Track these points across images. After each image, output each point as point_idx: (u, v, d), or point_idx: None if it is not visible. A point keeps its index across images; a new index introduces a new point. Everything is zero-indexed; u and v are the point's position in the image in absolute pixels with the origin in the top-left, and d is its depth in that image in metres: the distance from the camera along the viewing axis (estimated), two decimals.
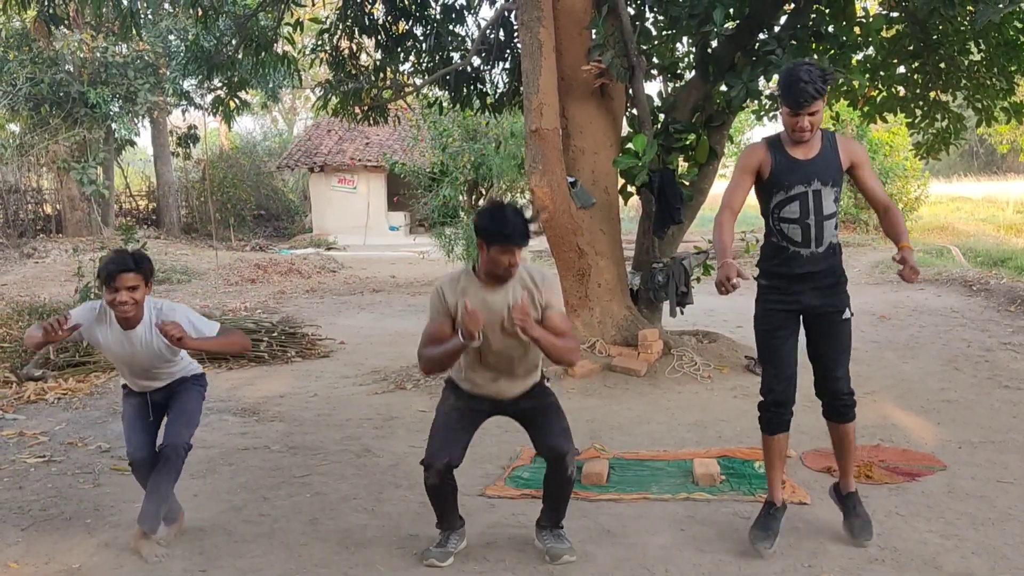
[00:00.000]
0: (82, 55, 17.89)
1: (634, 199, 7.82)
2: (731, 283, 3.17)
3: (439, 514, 3.61)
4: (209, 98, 10.87)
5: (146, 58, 18.93)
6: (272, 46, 9.19)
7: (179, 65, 16.04)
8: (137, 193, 25.03)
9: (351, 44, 9.21)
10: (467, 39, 9.17)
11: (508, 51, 8.68)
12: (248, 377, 7.27)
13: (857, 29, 7.12)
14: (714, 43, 7.06)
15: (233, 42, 9.15)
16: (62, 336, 3.50)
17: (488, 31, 8.57)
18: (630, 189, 7.41)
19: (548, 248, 7.38)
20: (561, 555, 3.51)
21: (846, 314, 3.55)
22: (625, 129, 7.54)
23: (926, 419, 5.50)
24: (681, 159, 7.38)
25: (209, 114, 13.79)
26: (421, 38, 9.07)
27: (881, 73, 8.31)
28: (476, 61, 8.85)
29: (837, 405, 3.61)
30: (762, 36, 6.93)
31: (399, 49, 9.04)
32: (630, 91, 7.05)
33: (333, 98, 9.14)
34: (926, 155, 8.87)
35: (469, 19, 12.75)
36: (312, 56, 9.51)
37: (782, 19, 7.22)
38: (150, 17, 16.31)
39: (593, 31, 6.86)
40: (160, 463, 3.70)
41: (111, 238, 16.96)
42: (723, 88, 6.99)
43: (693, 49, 7.71)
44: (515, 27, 8.04)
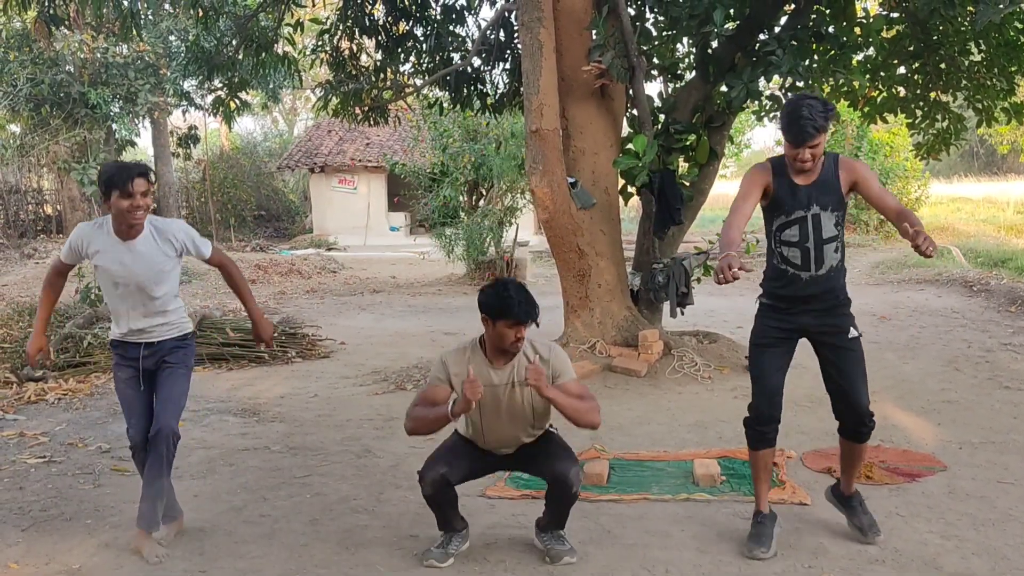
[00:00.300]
0: (83, 56, 17.91)
1: (634, 200, 7.82)
2: (731, 271, 3.08)
3: (439, 519, 3.62)
4: (209, 99, 10.89)
5: (147, 59, 18.96)
6: (272, 47, 9.19)
7: (179, 66, 16.06)
8: None
9: (351, 45, 9.21)
10: (467, 40, 9.17)
11: (508, 52, 8.68)
12: (248, 378, 7.28)
13: (857, 29, 7.12)
14: (714, 44, 7.06)
15: (233, 43, 9.15)
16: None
17: (488, 32, 8.57)
18: (630, 190, 7.41)
19: (548, 248, 7.38)
20: (561, 556, 3.51)
21: (852, 333, 3.50)
22: (625, 130, 7.54)
23: (926, 420, 5.50)
24: (681, 160, 7.38)
25: (209, 115, 13.81)
26: (421, 39, 9.07)
27: (881, 73, 8.31)
28: (476, 62, 8.85)
29: (860, 430, 3.55)
30: (762, 37, 6.93)
31: (399, 50, 9.04)
32: (630, 92, 7.04)
33: (333, 99, 9.14)
34: (926, 156, 8.87)
35: (469, 20, 12.76)
36: (312, 57, 9.52)
37: (782, 20, 7.22)
38: (150, 18, 16.31)
39: (593, 32, 6.86)
40: (150, 458, 3.69)
41: None
42: (723, 89, 6.99)
43: (693, 50, 7.70)
44: (515, 28, 8.05)
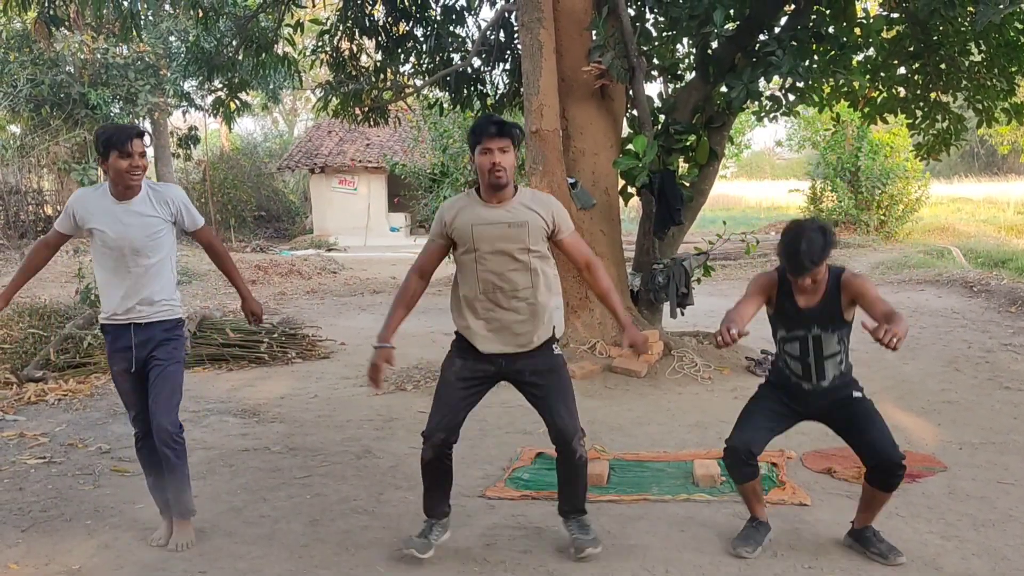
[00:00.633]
0: (83, 56, 17.92)
1: (634, 200, 7.82)
2: (731, 333, 3.19)
3: (427, 495, 3.59)
4: (210, 99, 10.90)
5: (147, 59, 18.97)
6: (272, 47, 9.20)
7: (180, 66, 16.06)
8: None
9: (351, 45, 9.21)
10: (467, 40, 9.18)
11: (508, 52, 8.69)
12: (248, 378, 7.27)
13: (857, 30, 7.13)
14: (714, 44, 7.07)
15: (234, 43, 9.16)
16: None
17: (488, 32, 8.58)
18: (630, 190, 7.41)
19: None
20: (585, 548, 3.51)
21: (856, 394, 3.51)
22: (625, 130, 7.54)
23: (927, 420, 5.50)
24: (681, 160, 7.38)
25: (210, 115, 13.82)
26: (421, 39, 9.08)
27: (881, 74, 8.31)
28: (476, 62, 8.86)
29: (889, 476, 3.43)
30: (762, 37, 6.94)
31: (399, 50, 9.04)
32: (630, 92, 7.05)
33: (334, 99, 9.14)
34: (927, 156, 8.86)
35: (469, 20, 12.74)
36: (313, 57, 9.52)
37: (782, 20, 7.22)
38: (150, 18, 16.33)
39: (593, 32, 6.86)
40: (163, 461, 3.70)
41: None
42: (723, 89, 7.00)
43: (693, 50, 7.71)
44: (515, 28, 8.05)
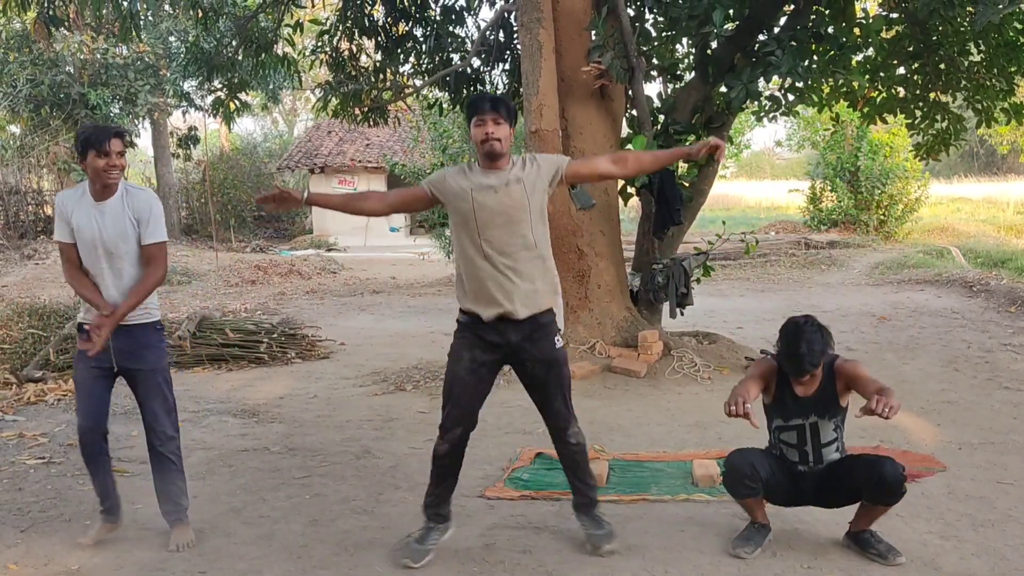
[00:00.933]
0: (82, 56, 17.92)
1: (634, 200, 7.82)
2: (742, 405, 3.32)
3: (434, 491, 3.61)
4: (209, 99, 10.89)
5: (146, 59, 18.97)
6: (272, 47, 9.19)
7: (179, 66, 16.06)
8: None
9: (351, 45, 9.21)
10: (467, 40, 9.18)
11: (508, 52, 8.69)
12: (248, 378, 7.28)
13: (857, 30, 7.13)
14: (714, 44, 7.06)
15: (233, 43, 9.16)
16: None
17: (488, 32, 8.57)
18: (630, 190, 7.41)
19: None
20: (601, 545, 3.54)
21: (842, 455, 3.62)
22: (625, 130, 7.54)
23: (926, 420, 5.50)
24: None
25: (209, 115, 13.80)
26: (421, 39, 9.08)
27: (881, 74, 8.31)
28: (476, 62, 8.86)
29: (893, 493, 3.44)
30: (762, 37, 6.94)
31: (399, 50, 9.04)
32: (630, 92, 7.04)
33: (333, 99, 9.14)
34: (926, 156, 8.86)
35: (469, 20, 12.75)
36: (312, 57, 9.52)
37: (782, 20, 7.22)
38: (150, 18, 16.32)
39: (593, 32, 6.86)
40: (159, 464, 3.71)
41: None
42: (723, 89, 6.99)
43: (693, 50, 7.71)
44: (515, 28, 8.04)
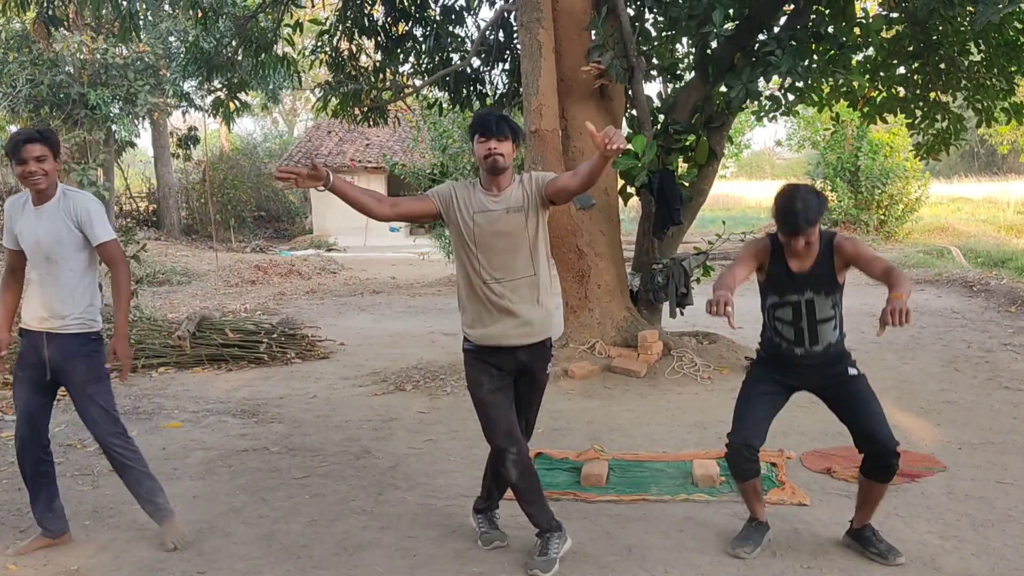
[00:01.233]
0: (82, 57, 17.90)
1: (634, 200, 7.82)
2: (723, 306, 3.16)
3: (488, 495, 3.72)
4: (209, 99, 10.88)
5: (146, 59, 18.94)
6: (272, 47, 9.19)
7: (179, 66, 16.04)
8: (137, 195, 25.05)
9: (351, 45, 9.21)
10: (467, 40, 9.17)
11: (508, 52, 8.68)
12: (247, 379, 7.27)
13: (857, 30, 7.12)
14: (714, 44, 7.06)
15: (233, 43, 9.15)
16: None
17: (488, 32, 8.57)
18: (630, 190, 7.41)
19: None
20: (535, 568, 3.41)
21: (851, 371, 3.48)
22: (625, 130, 7.53)
23: (926, 420, 5.50)
24: (681, 160, 7.38)
25: (209, 115, 13.80)
26: (421, 39, 9.07)
27: (881, 74, 8.30)
28: (476, 62, 8.85)
29: (883, 465, 3.43)
30: (762, 37, 6.93)
31: (399, 50, 9.04)
32: (630, 92, 7.04)
33: (333, 99, 9.14)
34: (926, 156, 8.85)
35: (469, 20, 12.74)
36: (312, 57, 9.52)
37: (782, 20, 7.22)
38: (150, 18, 16.30)
39: (593, 32, 6.86)
40: (122, 472, 3.74)
41: None
42: (723, 89, 6.99)
43: (693, 50, 7.70)
44: (515, 28, 8.04)
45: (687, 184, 7.18)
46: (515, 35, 8.18)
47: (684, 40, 7.70)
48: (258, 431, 5.65)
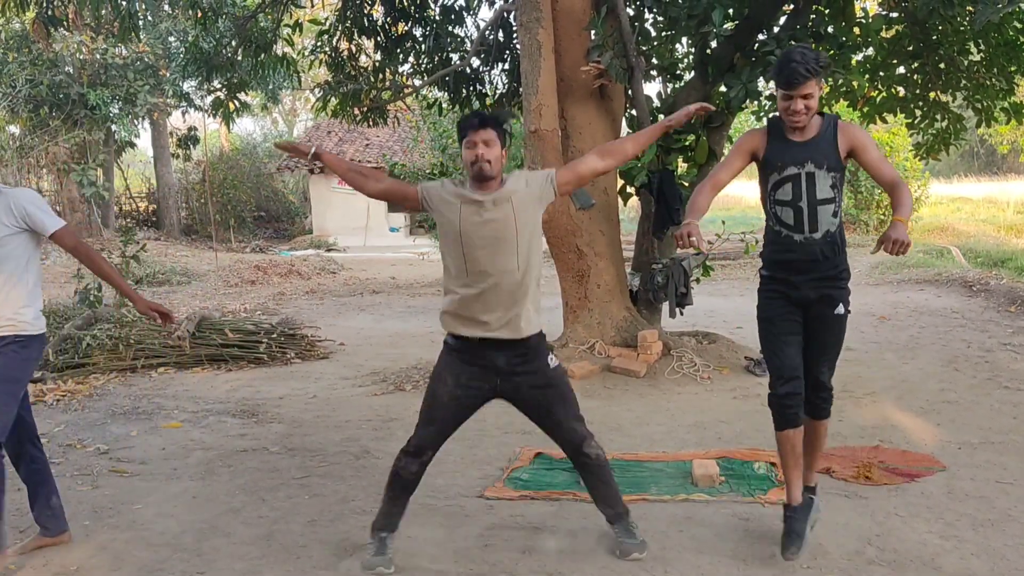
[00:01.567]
0: (82, 57, 17.91)
1: (633, 200, 7.82)
2: (689, 238, 3.17)
3: (392, 508, 3.55)
4: (209, 99, 10.88)
5: (146, 60, 18.96)
6: (271, 47, 9.19)
7: (179, 67, 16.05)
8: (137, 195, 25.06)
9: (350, 45, 9.21)
10: (466, 40, 9.18)
11: (507, 52, 8.69)
12: (247, 379, 7.27)
13: (857, 30, 7.12)
14: (713, 44, 7.06)
15: (232, 43, 9.15)
16: None
17: (487, 32, 8.57)
18: (629, 190, 7.41)
19: (547, 249, 7.37)
20: (630, 552, 3.52)
21: (839, 310, 3.45)
22: (624, 130, 7.54)
23: (926, 420, 5.49)
24: (680, 160, 7.38)
25: (209, 115, 13.80)
26: (420, 39, 9.08)
27: (881, 74, 8.30)
28: (475, 62, 8.86)
29: (816, 399, 3.51)
30: (761, 37, 6.93)
31: (398, 50, 9.04)
32: (629, 92, 7.04)
33: (333, 99, 9.14)
34: (926, 156, 8.86)
35: (468, 20, 12.75)
36: (311, 57, 9.52)
37: (781, 20, 7.21)
38: (149, 19, 16.32)
39: (592, 32, 6.86)
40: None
41: (111, 240, 16.97)
42: (722, 89, 6.99)
43: (692, 50, 7.70)
44: (514, 28, 8.04)
45: (687, 184, 7.18)
46: (515, 35, 8.19)
47: (684, 40, 7.70)
48: (258, 431, 5.65)
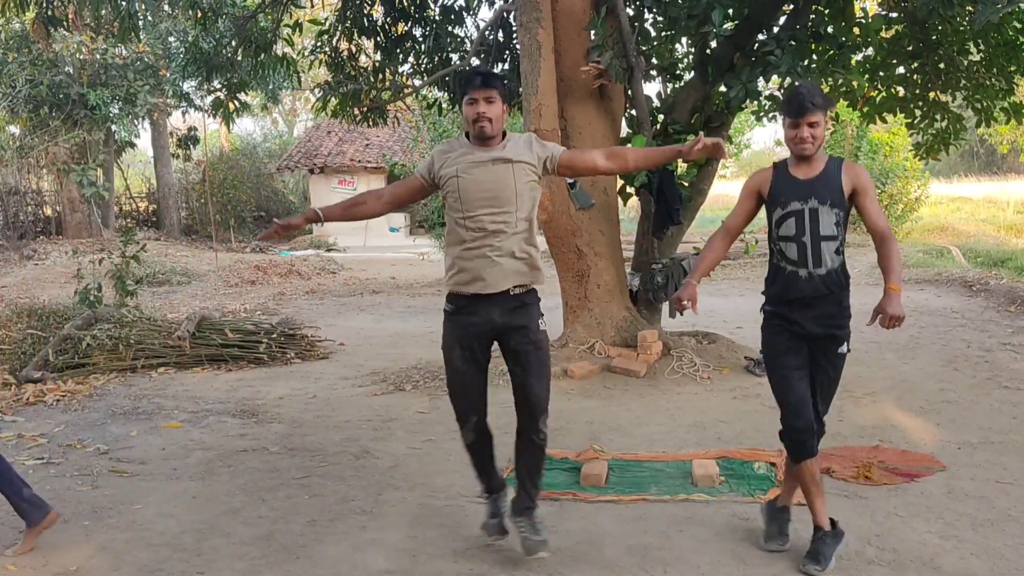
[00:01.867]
0: (82, 57, 17.90)
1: (633, 200, 7.81)
2: (682, 303, 3.32)
3: (482, 472, 3.69)
4: (209, 100, 10.88)
5: (146, 60, 18.95)
6: (271, 48, 9.19)
7: (179, 67, 16.05)
8: (137, 195, 25.05)
9: (350, 45, 9.21)
10: (466, 40, 9.18)
11: (507, 52, 8.68)
12: (247, 379, 7.27)
13: (856, 30, 7.12)
14: (713, 44, 7.06)
15: (232, 44, 9.15)
16: None
17: (487, 32, 8.57)
18: (629, 190, 7.40)
19: (547, 249, 7.38)
20: (537, 550, 3.44)
21: (843, 348, 3.47)
22: (624, 130, 7.54)
23: (926, 420, 5.49)
24: (680, 160, 7.37)
25: (209, 116, 13.80)
26: (420, 39, 9.08)
27: (880, 73, 8.29)
28: (475, 62, 8.85)
29: (793, 445, 3.46)
30: (761, 37, 6.93)
31: (398, 50, 9.04)
32: (629, 92, 7.04)
33: (332, 99, 9.14)
34: (926, 155, 8.85)
35: (468, 20, 12.76)
36: (311, 58, 9.52)
37: (781, 20, 7.21)
38: (149, 19, 16.32)
39: (592, 32, 6.86)
40: None
41: (111, 240, 16.97)
42: (722, 89, 6.99)
43: (692, 50, 7.70)
44: (514, 28, 8.04)
45: (687, 184, 7.18)
46: (514, 35, 8.19)
47: (684, 40, 7.69)
48: (258, 431, 5.65)
